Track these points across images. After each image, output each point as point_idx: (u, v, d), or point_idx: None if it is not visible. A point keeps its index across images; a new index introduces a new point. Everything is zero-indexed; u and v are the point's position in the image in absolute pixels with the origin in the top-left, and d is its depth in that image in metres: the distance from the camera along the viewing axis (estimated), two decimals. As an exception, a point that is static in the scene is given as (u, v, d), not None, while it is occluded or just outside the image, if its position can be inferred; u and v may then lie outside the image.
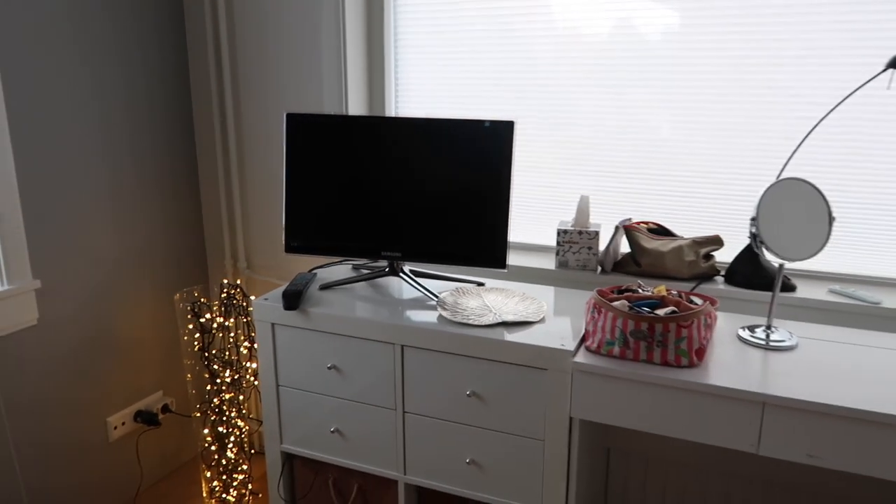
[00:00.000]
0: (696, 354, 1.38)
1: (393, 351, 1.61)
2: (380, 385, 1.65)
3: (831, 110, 1.52)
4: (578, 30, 1.91)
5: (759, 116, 1.79)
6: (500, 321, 1.57)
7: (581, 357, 1.43)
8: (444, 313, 1.61)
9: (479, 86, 2.06)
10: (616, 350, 1.41)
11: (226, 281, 2.15)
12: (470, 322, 1.56)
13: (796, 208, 1.44)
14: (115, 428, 2.16)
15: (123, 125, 2.07)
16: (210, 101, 2.27)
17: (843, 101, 1.55)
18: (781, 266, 1.48)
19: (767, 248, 1.44)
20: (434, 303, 1.71)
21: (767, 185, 1.45)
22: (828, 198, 1.43)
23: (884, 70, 1.46)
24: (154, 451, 2.33)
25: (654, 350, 1.38)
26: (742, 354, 1.45)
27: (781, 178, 1.45)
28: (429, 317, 1.61)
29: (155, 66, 2.14)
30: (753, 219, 1.44)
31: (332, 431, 1.74)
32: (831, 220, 1.42)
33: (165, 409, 2.31)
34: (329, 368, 1.69)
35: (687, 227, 1.93)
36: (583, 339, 1.51)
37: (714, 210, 1.90)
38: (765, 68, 1.76)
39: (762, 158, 1.81)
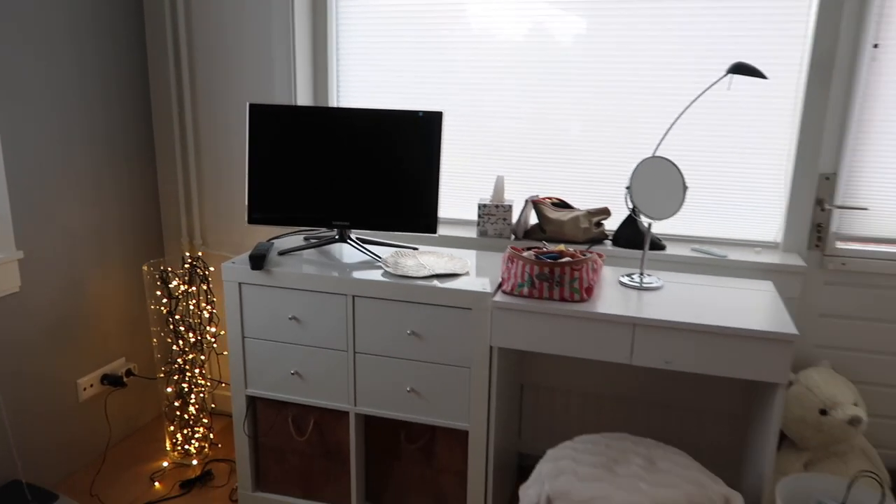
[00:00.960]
0: (586, 292, 1.79)
1: (345, 301, 1.94)
2: (334, 331, 1.97)
3: (687, 107, 1.98)
4: (493, 34, 2.30)
5: (638, 111, 2.23)
6: (434, 274, 1.94)
7: (498, 297, 1.82)
8: (388, 269, 1.96)
9: (408, 82, 2.42)
10: (525, 290, 1.80)
11: (188, 254, 2.42)
12: (409, 275, 1.92)
13: (660, 180, 1.87)
14: (85, 389, 2.38)
15: (84, 111, 2.29)
16: (169, 93, 2.52)
17: (696, 99, 2.01)
18: (650, 225, 1.92)
19: (639, 210, 1.87)
20: (378, 263, 2.05)
21: (638, 161, 1.88)
22: (683, 172, 1.87)
23: (725, 75, 1.92)
24: (121, 410, 2.56)
25: (554, 289, 1.78)
26: (621, 293, 1.87)
27: (648, 157, 1.88)
28: (374, 274, 1.95)
29: (112, 59, 2.38)
30: (628, 187, 1.87)
31: (293, 374, 2.05)
32: (685, 188, 1.86)
33: (129, 373, 2.54)
34: (290, 319, 2.00)
35: (582, 201, 2.36)
36: (499, 285, 1.89)
37: (604, 187, 2.33)
38: (641, 72, 2.20)
39: (641, 145, 2.25)
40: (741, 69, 1.87)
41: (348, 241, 2.14)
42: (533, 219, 2.35)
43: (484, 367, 1.86)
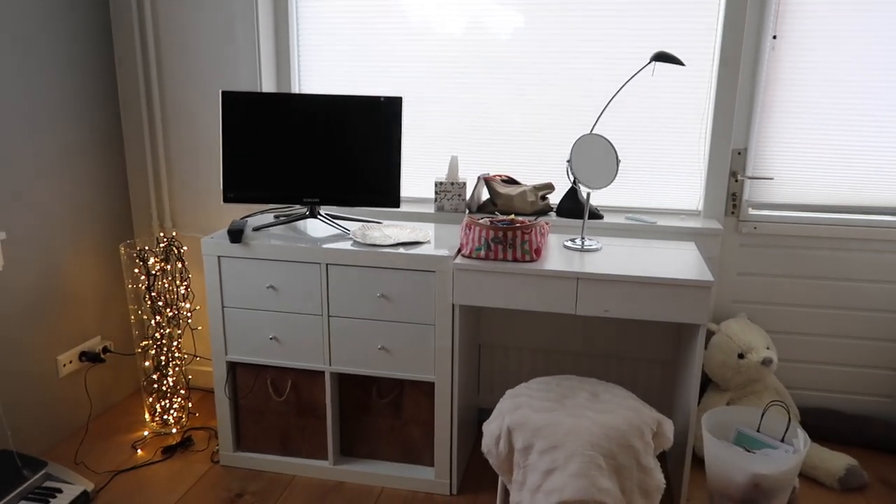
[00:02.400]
0: (535, 253, 2.03)
1: (319, 269, 2.13)
2: (309, 297, 2.16)
3: (618, 91, 2.25)
4: (435, 28, 2.52)
5: (576, 95, 2.50)
6: (399, 242, 2.15)
7: (458, 260, 2.04)
8: (357, 240, 2.16)
9: (365, 71, 2.62)
10: (482, 253, 2.04)
11: (162, 234, 2.55)
12: (377, 244, 2.12)
13: (596, 154, 2.13)
14: (64, 365, 2.49)
15: (53, 97, 2.41)
16: (136, 79, 2.64)
17: (625, 84, 2.29)
18: (589, 194, 2.18)
19: (578, 181, 2.13)
20: (347, 235, 2.25)
21: (577, 138, 2.14)
22: (616, 147, 2.14)
23: (649, 63, 2.19)
24: (100, 385, 2.68)
25: (507, 251, 2.02)
26: (566, 254, 2.13)
27: (586, 134, 2.14)
28: (345, 244, 2.15)
29: (80, 45, 2.50)
30: (569, 161, 2.12)
31: (271, 339, 2.23)
32: (618, 161, 2.13)
33: (105, 350, 2.65)
34: (267, 288, 2.18)
35: (529, 177, 2.61)
36: (458, 250, 2.12)
37: (548, 164, 2.58)
38: (578, 61, 2.46)
39: (580, 126, 2.52)
40: (662, 57, 2.14)
41: (318, 216, 2.33)
42: (485, 195, 2.59)
43: (447, 324, 2.09)
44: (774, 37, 2.33)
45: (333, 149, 2.25)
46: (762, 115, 2.40)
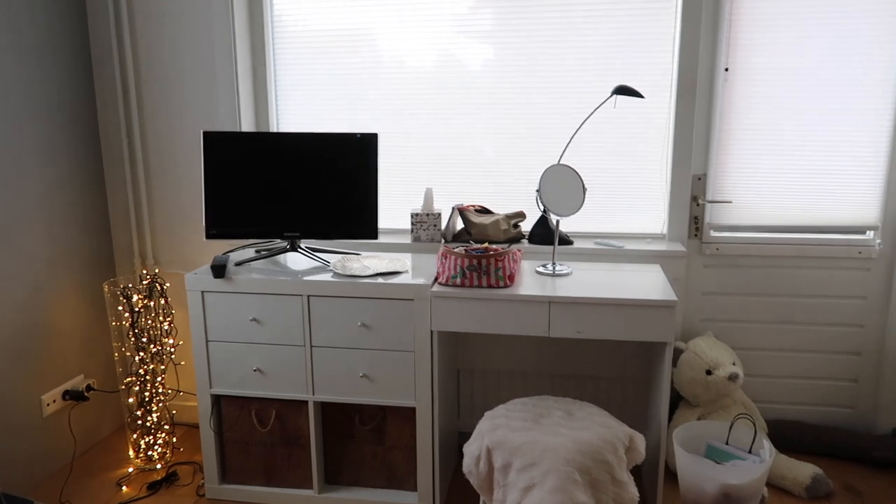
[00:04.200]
0: (509, 279, 2.13)
1: (301, 301, 2.20)
2: (292, 329, 2.23)
3: (582, 123, 2.37)
4: (404, 63, 2.64)
5: (543, 127, 2.62)
6: (377, 272, 2.23)
7: (435, 288, 2.13)
8: (337, 271, 2.24)
9: (339, 107, 2.72)
10: (458, 280, 2.13)
11: (145, 271, 2.60)
12: (356, 275, 2.20)
13: (563, 184, 2.25)
14: (48, 404, 2.51)
15: (34, 136, 2.47)
16: (117, 120, 2.71)
17: (588, 116, 2.42)
18: (558, 221, 2.29)
19: (547, 209, 2.23)
20: (328, 267, 2.33)
21: (544, 168, 2.25)
22: (582, 176, 2.26)
23: (611, 96, 2.32)
24: (84, 423, 2.69)
25: (482, 277, 2.11)
26: (538, 279, 2.23)
27: (553, 164, 2.26)
28: (325, 276, 2.23)
29: (60, 84, 2.56)
30: (538, 190, 2.23)
31: (255, 370, 2.28)
32: (584, 189, 2.24)
33: (89, 388, 2.68)
34: (251, 321, 2.24)
35: (501, 206, 2.72)
36: (435, 278, 2.20)
37: (520, 194, 2.69)
38: (544, 94, 2.59)
39: (548, 155, 2.64)
40: (623, 91, 2.27)
41: (299, 249, 2.41)
42: (460, 224, 2.68)
43: (426, 350, 2.17)
44: (727, 69, 2.48)
45: (312, 184, 2.34)
46: (719, 142, 2.55)
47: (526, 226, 2.67)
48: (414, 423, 2.27)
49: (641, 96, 2.26)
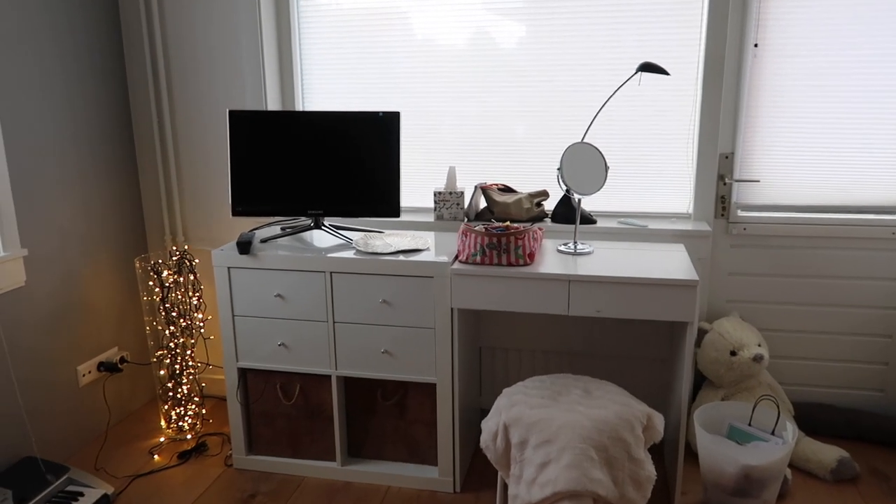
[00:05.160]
0: (529, 257, 2.13)
1: (324, 278, 2.24)
2: (315, 304, 2.27)
3: (607, 100, 2.35)
4: (436, 41, 2.64)
5: (567, 105, 2.60)
6: (399, 250, 2.25)
7: (455, 266, 2.14)
8: (360, 248, 2.27)
9: (366, 86, 2.73)
10: (478, 258, 2.14)
11: (174, 248, 2.67)
12: (378, 252, 2.23)
13: (585, 162, 2.23)
14: (84, 375, 2.61)
15: (70, 118, 2.54)
16: (147, 101, 2.77)
17: (613, 94, 2.39)
18: (580, 200, 2.28)
19: (569, 187, 2.23)
20: (351, 245, 2.36)
21: (567, 147, 2.24)
22: (604, 154, 2.24)
23: (635, 73, 2.29)
24: (117, 393, 2.79)
25: (502, 255, 2.12)
26: (559, 258, 2.22)
27: (575, 142, 2.24)
28: (348, 253, 2.26)
29: (94, 67, 2.63)
30: (559, 168, 2.22)
31: (279, 345, 2.33)
32: (606, 168, 2.23)
33: (122, 360, 2.77)
34: (275, 297, 2.29)
35: (524, 185, 2.71)
36: (456, 256, 2.22)
37: (542, 173, 2.68)
38: (569, 72, 2.57)
39: (572, 134, 2.62)
40: (648, 68, 2.24)
41: (322, 227, 2.44)
42: (482, 203, 2.69)
43: (447, 327, 2.19)
44: (756, 45, 2.42)
45: (336, 163, 2.36)
46: (747, 120, 2.50)
47: (549, 205, 2.66)
48: (435, 399, 2.30)
49: (667, 73, 2.23)
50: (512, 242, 2.11)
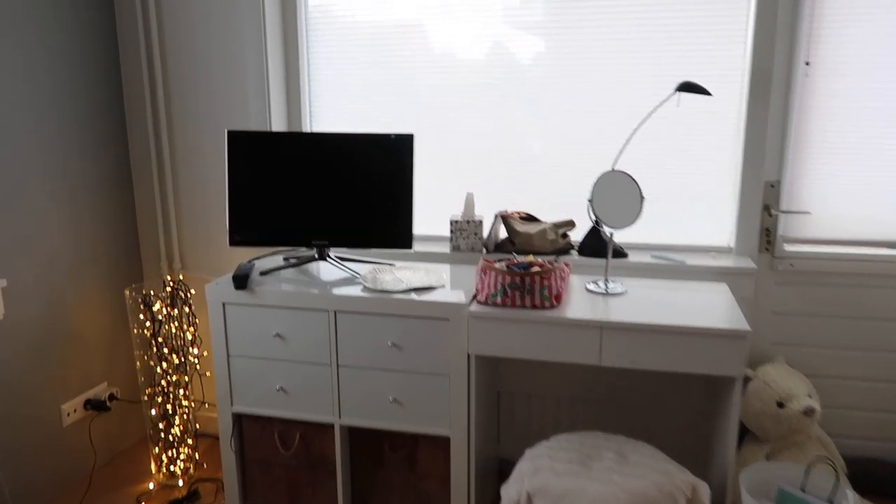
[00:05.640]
0: (556, 299, 1.90)
1: (328, 317, 2.02)
2: (317, 346, 2.05)
3: (641, 123, 2.12)
4: (454, 56, 2.43)
5: (597, 127, 2.38)
6: (411, 287, 2.04)
7: (473, 307, 1.92)
8: (367, 285, 2.05)
9: (378, 104, 2.53)
10: (499, 299, 1.91)
11: (169, 277, 2.47)
12: (387, 289, 2.01)
13: (619, 192, 2.01)
14: (69, 414, 2.41)
15: (59, 136, 2.35)
16: (144, 119, 2.59)
17: (648, 116, 2.16)
18: (612, 234, 2.05)
19: (600, 220, 2.00)
20: (357, 279, 2.14)
21: (597, 175, 2.01)
22: (639, 183, 2.01)
23: (673, 93, 2.07)
24: (104, 434, 2.59)
25: (525, 297, 1.89)
26: (588, 299, 2.00)
27: (607, 171, 2.02)
28: (354, 289, 2.04)
29: (88, 83, 2.45)
30: (590, 200, 2.00)
31: (278, 390, 2.12)
32: (642, 199, 2.00)
33: (112, 397, 2.57)
34: (274, 336, 2.08)
35: (548, 214, 2.49)
36: (474, 296, 2.00)
37: (568, 200, 2.46)
38: (598, 91, 2.35)
39: (602, 159, 2.40)
40: (688, 87, 2.02)
41: (327, 259, 2.23)
42: (503, 233, 2.47)
43: (462, 375, 1.96)
44: (807, 63, 2.19)
45: (343, 189, 2.15)
46: (796, 146, 2.26)
47: (575, 235, 2.44)
48: (448, 452, 2.07)
49: (708, 93, 2.00)
50: (537, 283, 1.88)
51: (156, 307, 2.34)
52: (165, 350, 2.37)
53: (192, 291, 2.47)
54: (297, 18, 2.50)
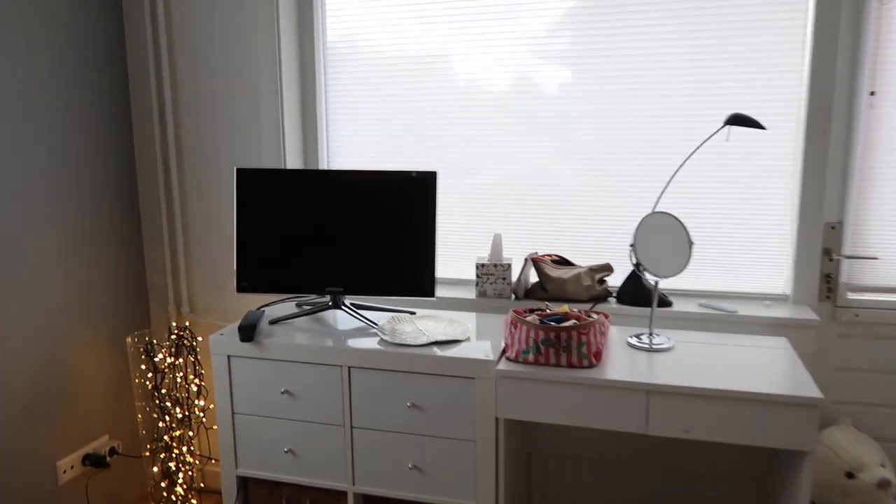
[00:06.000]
0: (595, 356, 1.69)
1: (340, 373, 1.84)
2: (329, 405, 1.86)
3: (686, 159, 1.92)
4: (479, 87, 2.27)
5: (635, 161, 2.18)
6: (433, 341, 1.84)
7: (502, 365, 1.72)
8: (385, 337, 1.86)
9: (398, 139, 2.37)
10: (531, 357, 1.71)
11: (174, 324, 2.31)
12: (407, 343, 1.82)
13: (664, 236, 1.80)
14: (65, 472, 2.23)
15: (63, 174, 2.22)
16: (154, 155, 2.46)
17: (694, 151, 1.97)
18: (657, 283, 1.84)
19: (644, 269, 1.79)
20: (374, 330, 1.96)
21: (641, 217, 1.81)
22: (687, 226, 1.81)
23: (723, 126, 1.87)
24: (103, 492, 2.40)
25: (560, 354, 1.68)
26: (630, 356, 1.78)
27: (652, 211, 1.82)
28: (371, 342, 1.86)
29: (96, 120, 2.32)
30: (632, 245, 1.80)
31: (286, 452, 1.93)
32: (691, 244, 1.79)
33: (112, 451, 2.39)
34: (282, 393, 1.90)
35: (583, 257, 2.28)
36: (503, 351, 1.80)
37: (604, 242, 2.26)
38: (635, 122, 2.16)
39: (641, 196, 2.20)
40: (739, 120, 1.82)
41: (342, 307, 2.05)
42: (533, 276, 2.27)
43: (490, 441, 1.75)
44: (872, 93, 1.98)
45: (359, 231, 1.98)
46: (860, 184, 2.04)
47: (613, 279, 2.23)
48: (473, 525, 1.85)
49: (761, 127, 1.80)
50: (574, 338, 1.68)
51: (159, 357, 2.18)
52: (168, 403, 2.20)
53: (200, 339, 2.31)
54: (314, 50, 2.37)
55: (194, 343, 2.25)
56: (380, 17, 2.31)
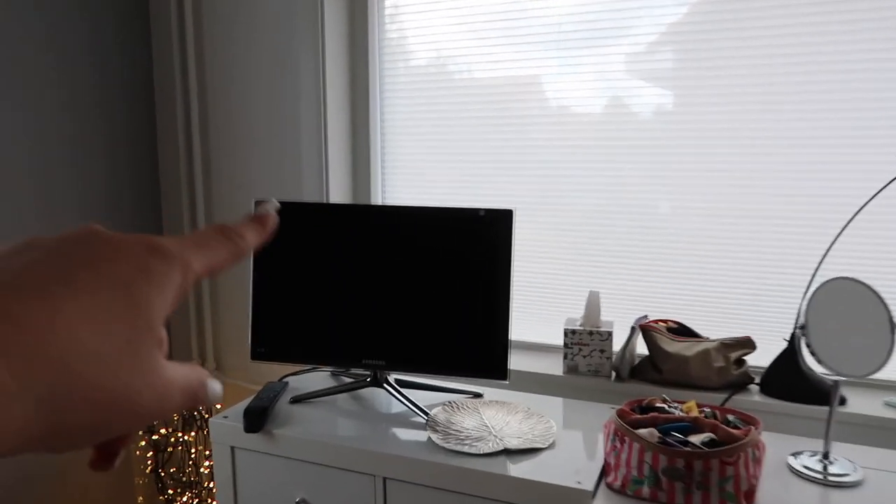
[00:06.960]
0: (745, 497, 1.12)
1: (373, 484, 1.34)
2: (357, 525, 1.37)
3: (872, 197, 1.33)
4: (571, 111, 1.74)
5: (785, 200, 1.59)
6: (502, 448, 1.31)
7: (602, 499, 1.17)
8: (435, 436, 1.35)
9: (473, 169, 1.88)
10: (645, 491, 1.15)
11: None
12: (465, 450, 1.30)
13: (850, 314, 1.21)
14: (52, 563, 1.84)
15: (92, 210, 1.86)
16: (179, 193, 2.08)
17: (885, 187, 1.36)
18: (837, 383, 1.24)
19: (820, 362, 1.20)
20: (423, 420, 1.45)
21: (816, 286, 1.23)
22: (886, 301, 1.21)
23: (936, 152, 1.27)
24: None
25: (693, 493, 1.12)
26: (796, 491, 1.19)
27: (831, 278, 1.23)
28: (416, 440, 1.35)
29: (118, 159, 1.96)
30: (802, 327, 1.21)
31: (301, 580, 1.44)
32: (894, 327, 1.19)
33: (114, 536, 1.99)
34: (298, 503, 1.42)
35: (710, 327, 1.70)
36: (603, 473, 1.25)
37: (740, 307, 1.67)
38: (783, 148, 1.57)
39: (793, 247, 1.60)
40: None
41: (385, 385, 1.56)
42: (643, 350, 1.71)
43: None
44: None
45: (408, 287, 1.49)
46: None
47: (754, 359, 1.63)
48: None
49: None
50: (714, 470, 1.11)
51: (162, 431, 1.75)
52: (170, 490, 1.77)
53: (218, 406, 1.87)
54: (368, 72, 1.92)
55: (207, 414, 1.82)
56: (444, 34, 1.84)
